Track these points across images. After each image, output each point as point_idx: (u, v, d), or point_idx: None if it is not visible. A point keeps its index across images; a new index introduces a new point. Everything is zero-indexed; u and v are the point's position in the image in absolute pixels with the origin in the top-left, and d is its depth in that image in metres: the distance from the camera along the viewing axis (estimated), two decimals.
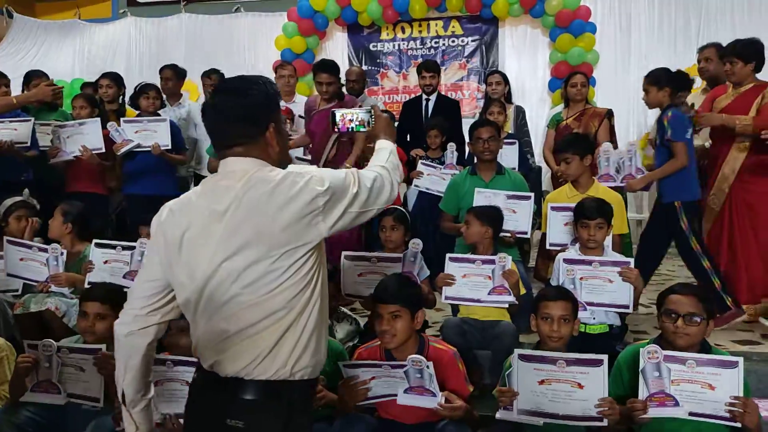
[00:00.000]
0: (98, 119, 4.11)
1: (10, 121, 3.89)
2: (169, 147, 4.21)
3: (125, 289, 2.81)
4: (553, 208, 3.27)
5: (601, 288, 2.77)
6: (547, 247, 3.30)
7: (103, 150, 4.10)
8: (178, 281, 1.52)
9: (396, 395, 2.22)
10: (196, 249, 1.48)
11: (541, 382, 2.16)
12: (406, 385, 2.19)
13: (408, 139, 4.90)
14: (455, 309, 3.10)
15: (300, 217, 1.44)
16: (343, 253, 3.10)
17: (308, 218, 1.45)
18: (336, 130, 1.87)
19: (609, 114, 4.45)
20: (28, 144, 3.96)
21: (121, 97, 4.75)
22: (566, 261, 2.83)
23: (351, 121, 1.84)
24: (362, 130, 1.85)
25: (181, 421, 2.22)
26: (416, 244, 3.11)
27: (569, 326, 2.32)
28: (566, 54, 6.73)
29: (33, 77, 4.40)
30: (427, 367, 2.16)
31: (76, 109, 4.25)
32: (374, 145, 1.76)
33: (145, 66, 7.52)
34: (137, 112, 4.53)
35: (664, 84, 3.56)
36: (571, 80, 4.55)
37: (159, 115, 4.47)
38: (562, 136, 4.37)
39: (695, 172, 3.54)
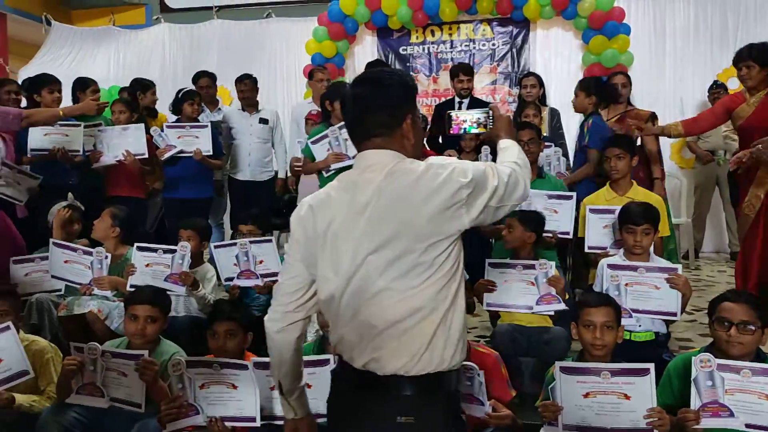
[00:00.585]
0: (142, 125, 4.20)
1: (61, 125, 3.94)
2: (211, 152, 4.27)
3: (168, 292, 2.86)
4: (592, 211, 3.21)
5: (648, 295, 2.70)
6: (586, 250, 3.24)
7: (147, 155, 4.17)
8: (323, 276, 1.51)
9: None
10: (339, 243, 1.48)
11: (586, 395, 2.09)
12: None
13: (440, 142, 4.89)
14: (495, 314, 3.06)
15: (444, 209, 1.42)
16: None
17: (452, 210, 1.43)
18: (449, 132, 1.83)
19: (652, 117, 4.37)
20: (81, 151, 4.02)
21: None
22: (611, 267, 2.77)
23: (464, 122, 1.80)
24: (474, 130, 1.81)
25: (228, 424, 2.23)
26: None
27: (613, 333, 2.25)
28: (599, 56, 6.63)
29: (84, 84, 4.45)
30: (478, 375, 2.11)
31: (115, 113, 4.30)
32: (497, 145, 1.74)
33: (179, 72, 7.60)
34: (175, 117, 4.58)
35: (592, 92, 3.91)
36: (611, 80, 4.49)
37: (199, 120, 4.51)
38: None
39: None
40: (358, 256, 1.45)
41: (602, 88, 4.02)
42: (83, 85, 4.47)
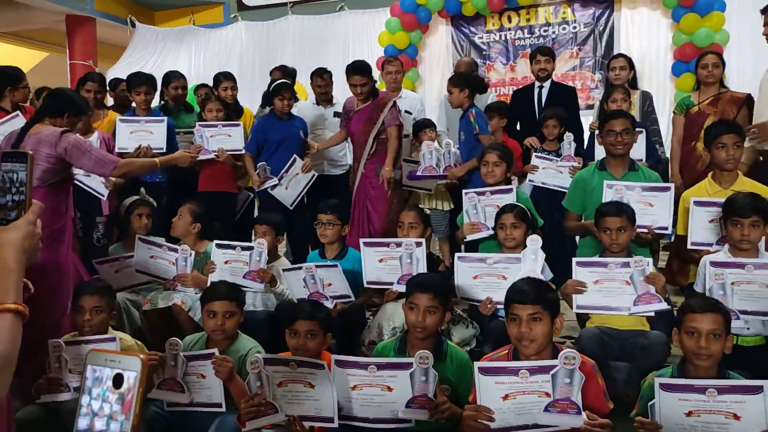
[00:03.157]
0: (241, 124, 4.27)
1: (146, 122, 4.00)
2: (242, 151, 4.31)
3: (246, 289, 2.85)
4: (698, 203, 2.94)
5: (758, 294, 2.44)
6: (689, 246, 2.97)
7: (243, 151, 4.26)
8: None
9: (530, 426, 1.96)
10: None
11: (689, 414, 1.87)
12: (546, 400, 1.95)
13: (519, 129, 4.70)
14: (585, 316, 2.86)
15: None
16: (456, 255, 2.96)
17: None
18: None
19: (749, 100, 4.01)
20: (164, 149, 3.96)
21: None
22: (714, 264, 2.52)
23: None
24: None
25: (306, 424, 2.18)
26: (535, 240, 2.88)
27: (720, 342, 2.01)
28: (692, 35, 6.20)
29: (172, 79, 4.55)
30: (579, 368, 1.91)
31: (213, 111, 4.31)
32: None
33: (256, 68, 7.73)
34: (267, 109, 4.60)
35: (464, 86, 4.08)
36: (701, 61, 4.17)
37: (292, 115, 4.48)
38: (694, 122, 4.01)
39: None
40: None
41: (472, 80, 4.24)
42: (166, 80, 4.56)
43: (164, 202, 4.17)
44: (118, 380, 0.69)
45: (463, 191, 3.52)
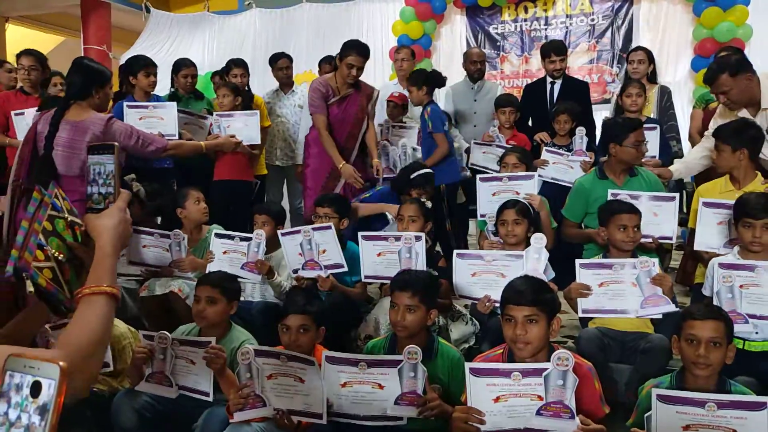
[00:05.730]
0: (257, 113, 4.15)
1: (154, 107, 3.89)
2: (257, 141, 4.20)
3: (243, 280, 2.81)
4: (706, 204, 2.85)
5: (767, 297, 2.35)
6: (695, 247, 2.89)
7: (259, 142, 4.17)
8: None
9: (521, 430, 1.88)
10: None
11: (686, 428, 1.78)
12: (539, 404, 1.87)
13: (530, 125, 4.60)
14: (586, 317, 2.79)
15: None
16: (455, 251, 2.89)
17: None
18: None
19: None
20: (176, 135, 3.80)
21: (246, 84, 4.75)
22: (723, 266, 2.43)
23: None
24: None
25: (294, 418, 2.15)
26: (539, 239, 2.80)
27: (721, 351, 1.94)
28: (713, 30, 6.03)
29: (181, 67, 4.49)
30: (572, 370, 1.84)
31: (219, 97, 4.24)
32: None
33: (269, 56, 7.65)
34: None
35: (422, 84, 4.06)
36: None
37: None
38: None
39: (456, 157, 4.20)
40: None
41: (429, 76, 4.18)
42: (176, 68, 4.51)
43: (173, 186, 4.11)
44: (35, 388, 0.64)
45: (477, 177, 3.47)
